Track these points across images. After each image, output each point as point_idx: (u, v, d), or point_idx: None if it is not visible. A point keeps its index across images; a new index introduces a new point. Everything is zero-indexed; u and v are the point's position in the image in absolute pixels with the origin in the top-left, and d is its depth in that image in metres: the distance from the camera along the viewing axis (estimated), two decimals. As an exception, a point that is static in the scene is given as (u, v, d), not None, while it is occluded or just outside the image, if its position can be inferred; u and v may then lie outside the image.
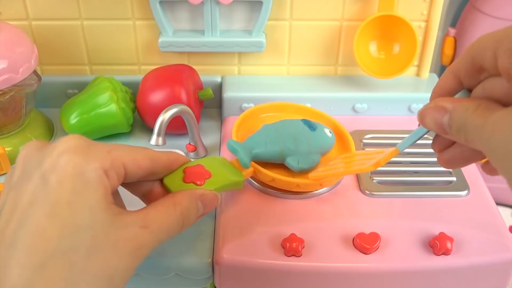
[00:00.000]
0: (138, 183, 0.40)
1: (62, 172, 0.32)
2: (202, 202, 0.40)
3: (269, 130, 0.51)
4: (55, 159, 0.33)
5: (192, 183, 0.41)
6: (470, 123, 0.32)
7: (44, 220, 0.31)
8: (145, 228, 0.34)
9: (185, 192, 0.39)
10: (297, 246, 0.45)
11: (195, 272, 0.47)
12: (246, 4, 0.61)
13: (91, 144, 0.35)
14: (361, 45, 0.62)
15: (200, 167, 0.43)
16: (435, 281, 0.45)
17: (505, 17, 0.67)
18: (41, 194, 0.31)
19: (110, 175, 0.34)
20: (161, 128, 0.51)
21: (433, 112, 0.35)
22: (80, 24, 0.62)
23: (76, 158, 0.33)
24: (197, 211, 0.39)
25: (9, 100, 0.55)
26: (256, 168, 0.48)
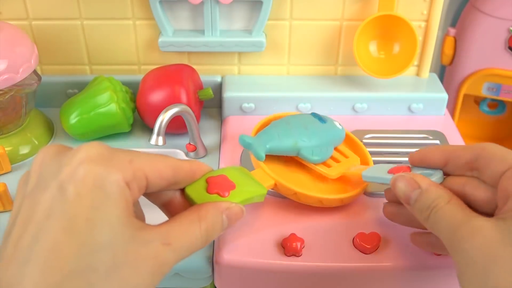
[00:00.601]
0: (158, 193, 0.38)
1: (81, 184, 0.30)
2: (227, 216, 0.37)
3: (281, 124, 0.51)
4: (74, 168, 0.30)
5: (217, 194, 0.38)
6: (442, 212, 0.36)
7: (61, 236, 0.29)
8: (168, 245, 0.32)
9: (210, 206, 0.36)
10: (297, 246, 0.45)
11: (195, 272, 0.47)
12: (246, 3, 0.61)
13: (112, 153, 0.32)
14: (361, 45, 0.62)
15: (224, 177, 0.40)
16: (435, 281, 0.45)
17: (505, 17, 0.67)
18: (58, 206, 0.29)
19: (132, 187, 0.32)
20: (161, 128, 0.51)
21: (407, 183, 0.39)
22: (80, 24, 0.62)
23: (97, 169, 0.30)
24: (222, 226, 0.37)
25: (9, 100, 0.55)
26: (277, 181, 0.47)
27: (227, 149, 0.57)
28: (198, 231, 0.34)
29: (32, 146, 0.59)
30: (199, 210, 0.36)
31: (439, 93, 0.64)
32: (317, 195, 0.47)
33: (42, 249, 0.28)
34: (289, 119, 0.52)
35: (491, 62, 0.70)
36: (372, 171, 0.46)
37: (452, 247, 0.35)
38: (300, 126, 0.51)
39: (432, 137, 0.59)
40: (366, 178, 0.46)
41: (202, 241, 0.35)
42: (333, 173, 0.49)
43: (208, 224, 0.35)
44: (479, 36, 0.69)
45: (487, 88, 0.72)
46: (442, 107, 0.64)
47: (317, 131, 0.51)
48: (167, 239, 0.32)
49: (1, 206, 0.50)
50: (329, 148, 0.51)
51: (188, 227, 0.34)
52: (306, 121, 0.52)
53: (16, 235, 0.30)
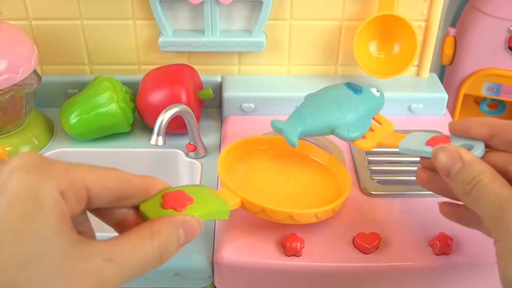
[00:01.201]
0: (109, 210, 0.34)
1: (11, 194, 0.28)
2: (184, 230, 0.34)
3: (313, 101, 0.48)
4: (5, 179, 0.28)
5: (172, 209, 0.35)
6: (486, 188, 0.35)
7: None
8: (110, 261, 0.29)
9: (164, 220, 0.33)
10: (297, 246, 0.45)
11: (195, 272, 0.47)
12: (246, 3, 0.61)
13: (46, 162, 0.30)
14: (361, 45, 0.62)
15: (182, 192, 0.37)
16: (435, 281, 0.45)
17: (505, 17, 0.67)
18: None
19: (68, 196, 0.29)
20: (161, 128, 0.51)
21: (449, 155, 0.37)
22: (80, 24, 0.62)
23: (28, 178, 0.28)
24: (178, 241, 0.33)
25: (9, 100, 0.55)
26: (243, 198, 0.44)
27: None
28: (150, 247, 0.31)
29: (32, 146, 0.59)
30: (151, 225, 0.32)
31: (439, 93, 0.64)
32: (287, 210, 0.44)
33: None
34: (321, 95, 0.49)
35: (491, 62, 0.70)
36: (409, 142, 0.44)
37: (498, 225, 0.34)
38: (333, 102, 0.48)
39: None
40: (403, 150, 0.43)
41: (156, 258, 0.31)
42: (368, 145, 0.46)
43: (162, 240, 0.32)
44: (479, 36, 0.69)
45: (487, 88, 0.72)
46: (442, 107, 0.64)
47: (352, 104, 0.48)
48: (110, 254, 0.29)
49: None
50: (367, 121, 0.48)
51: (138, 243, 0.31)
52: (340, 96, 0.49)
53: None
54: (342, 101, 0.48)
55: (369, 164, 0.55)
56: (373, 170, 0.54)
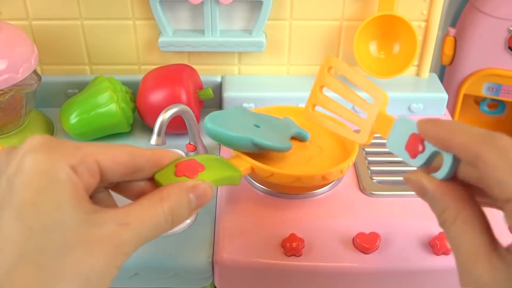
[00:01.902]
0: (128, 184, 0.37)
1: (26, 173, 0.30)
2: (194, 194, 0.36)
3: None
4: (20, 161, 0.31)
5: (184, 176, 0.38)
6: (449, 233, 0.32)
7: (9, 224, 0.29)
8: (124, 225, 0.31)
9: (174, 185, 0.35)
10: (297, 246, 0.45)
11: (195, 272, 0.47)
12: (246, 4, 0.61)
13: (57, 142, 0.32)
14: (361, 45, 0.62)
15: (193, 161, 0.40)
16: (435, 281, 0.46)
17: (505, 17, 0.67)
18: (6, 198, 0.30)
19: (80, 171, 0.32)
20: (161, 128, 0.51)
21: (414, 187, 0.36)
22: (80, 24, 0.62)
23: (40, 157, 0.31)
24: (189, 205, 0.35)
25: (9, 100, 0.55)
26: (253, 164, 0.46)
27: (227, 149, 0.57)
28: (161, 211, 0.33)
29: (32, 146, 0.59)
30: (161, 191, 0.35)
31: (439, 93, 0.64)
32: (296, 173, 0.46)
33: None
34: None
35: (491, 62, 0.70)
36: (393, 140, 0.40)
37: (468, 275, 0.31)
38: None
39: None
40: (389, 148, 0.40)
41: (167, 221, 0.34)
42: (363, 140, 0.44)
43: (171, 203, 0.34)
44: (479, 36, 0.69)
45: (487, 88, 0.72)
46: (442, 107, 0.64)
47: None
48: (124, 219, 0.32)
49: None
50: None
51: (149, 207, 0.33)
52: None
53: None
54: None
55: (369, 164, 0.55)
56: (373, 170, 0.54)
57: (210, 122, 0.47)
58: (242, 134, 0.46)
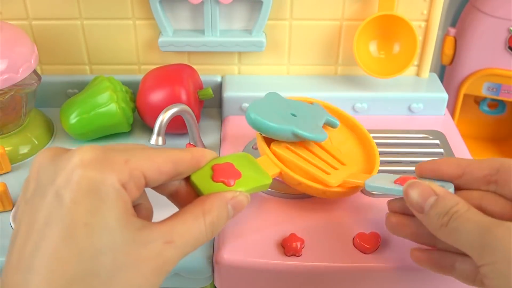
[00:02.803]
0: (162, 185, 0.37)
1: (77, 189, 0.30)
2: (232, 205, 0.37)
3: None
4: (69, 174, 0.30)
5: (222, 183, 0.38)
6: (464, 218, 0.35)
7: (60, 243, 0.29)
8: (169, 243, 0.32)
9: (216, 198, 0.36)
10: (297, 246, 0.45)
11: (195, 272, 0.47)
12: (246, 3, 0.61)
13: (107, 155, 0.32)
14: (361, 45, 0.62)
15: (230, 165, 0.40)
16: (435, 281, 0.45)
17: (505, 17, 0.67)
18: (56, 213, 0.30)
19: (129, 187, 0.32)
20: (161, 128, 0.51)
21: (421, 190, 0.38)
22: (80, 24, 0.62)
23: (91, 173, 0.30)
24: (228, 216, 0.36)
25: (9, 100, 0.55)
26: (283, 170, 0.46)
27: (227, 149, 0.57)
28: (203, 225, 0.34)
29: (32, 146, 0.59)
30: (203, 203, 0.35)
31: (439, 93, 0.64)
32: (321, 187, 0.46)
33: (43, 257, 0.29)
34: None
35: (491, 62, 0.70)
36: (377, 180, 0.44)
37: (483, 250, 0.34)
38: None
39: (432, 137, 0.59)
40: (370, 188, 0.44)
41: (208, 235, 0.34)
42: (333, 181, 0.46)
43: (213, 218, 0.34)
44: (479, 36, 0.69)
45: (487, 88, 0.72)
46: (442, 107, 0.64)
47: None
48: (169, 237, 0.32)
49: (1, 206, 0.50)
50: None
51: (193, 223, 0.33)
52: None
53: (20, 242, 0.30)
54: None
55: (369, 164, 0.55)
56: (373, 170, 0.54)
57: (253, 113, 0.47)
58: (284, 125, 0.47)
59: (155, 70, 0.60)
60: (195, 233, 0.33)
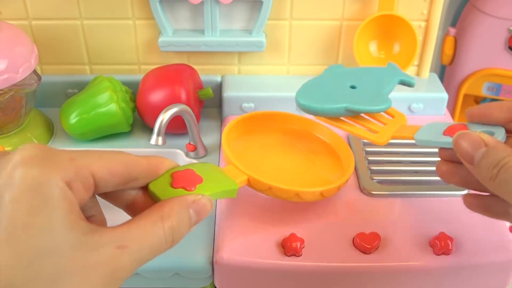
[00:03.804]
0: (119, 193, 0.34)
1: (17, 188, 0.27)
2: (195, 209, 0.33)
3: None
4: (9, 173, 0.28)
5: (182, 189, 0.35)
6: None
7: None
8: (123, 248, 0.29)
9: (175, 202, 0.33)
10: (297, 246, 0.45)
11: (195, 272, 0.47)
12: (246, 3, 0.61)
13: (50, 153, 0.29)
14: (361, 45, 0.62)
15: (191, 171, 0.37)
16: (435, 281, 0.45)
17: (505, 17, 0.67)
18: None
19: (75, 186, 0.29)
20: (161, 128, 0.51)
21: (471, 140, 0.36)
22: (80, 24, 0.62)
23: (32, 170, 0.28)
24: (189, 222, 0.33)
25: (9, 100, 0.55)
26: (250, 176, 0.45)
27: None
28: (162, 231, 0.31)
29: (32, 146, 0.59)
30: (161, 208, 0.32)
31: (439, 93, 0.64)
32: (294, 189, 0.45)
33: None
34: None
35: (491, 62, 0.70)
36: (426, 133, 0.43)
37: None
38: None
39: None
40: (419, 142, 0.42)
41: (168, 241, 0.31)
42: (382, 140, 0.45)
43: (173, 223, 0.32)
44: (479, 36, 0.69)
45: (487, 88, 0.72)
46: (442, 107, 0.64)
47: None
48: (122, 241, 0.29)
49: None
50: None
51: (150, 228, 0.31)
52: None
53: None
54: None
55: (369, 164, 0.55)
56: (373, 170, 0.54)
57: (302, 98, 0.46)
58: (336, 104, 0.45)
59: (155, 70, 0.60)
60: (153, 238, 0.30)
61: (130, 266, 0.29)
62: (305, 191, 0.46)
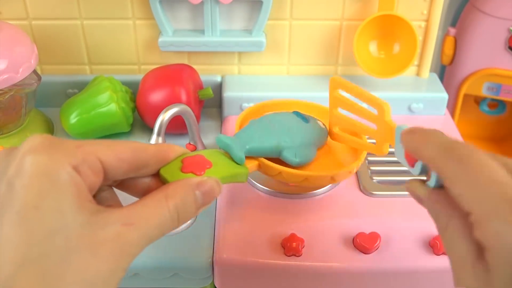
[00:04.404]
0: (133, 182, 0.36)
1: (27, 175, 0.29)
2: (201, 191, 0.34)
3: (261, 123, 0.48)
4: (19, 162, 0.30)
5: (191, 173, 0.36)
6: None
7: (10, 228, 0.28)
8: (129, 225, 0.30)
9: (179, 182, 0.34)
10: (297, 246, 0.45)
11: (195, 272, 0.47)
12: (246, 3, 0.61)
13: (57, 141, 0.31)
14: (361, 45, 0.62)
15: (200, 157, 0.38)
16: (435, 281, 0.46)
17: (505, 17, 0.67)
18: (6, 201, 0.29)
19: (83, 170, 0.31)
20: (161, 128, 0.51)
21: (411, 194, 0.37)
22: (80, 24, 0.62)
23: (41, 157, 0.30)
24: (195, 202, 0.34)
25: (9, 100, 0.55)
26: (261, 161, 0.45)
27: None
28: (166, 209, 0.32)
29: (32, 146, 0.59)
30: (166, 188, 0.33)
31: (439, 93, 0.64)
32: (303, 173, 0.45)
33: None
34: (270, 118, 0.49)
35: (491, 62, 0.70)
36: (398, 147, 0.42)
37: None
38: (282, 126, 0.48)
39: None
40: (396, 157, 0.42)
41: (173, 219, 0.33)
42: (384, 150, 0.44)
43: (176, 202, 0.33)
44: (479, 36, 0.69)
45: (487, 88, 0.72)
46: (442, 107, 0.64)
47: (300, 131, 0.48)
48: (129, 219, 0.31)
49: None
50: (313, 149, 0.48)
51: (154, 206, 0.32)
52: (288, 121, 0.49)
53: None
54: (290, 126, 0.48)
55: (369, 164, 0.55)
56: (373, 170, 0.54)
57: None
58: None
59: (155, 70, 0.60)
60: (158, 216, 0.32)
61: (138, 242, 0.31)
62: (315, 175, 0.45)
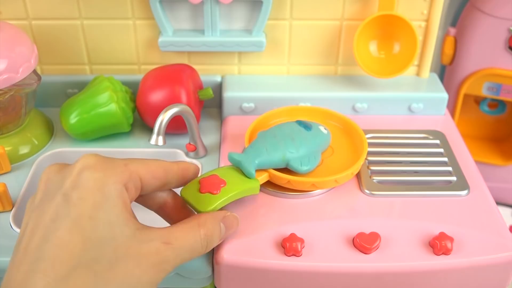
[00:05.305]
0: (152, 196, 0.41)
1: (83, 188, 0.33)
2: (225, 223, 0.41)
3: (267, 136, 0.51)
4: (76, 177, 0.34)
5: (208, 193, 0.42)
6: None
7: (67, 234, 0.32)
8: (168, 244, 0.34)
9: (209, 214, 0.40)
10: (297, 246, 0.45)
11: (195, 272, 0.47)
12: (246, 3, 0.61)
13: (108, 160, 0.36)
14: (361, 45, 0.62)
15: (215, 176, 0.44)
16: (435, 281, 0.45)
17: (505, 17, 0.67)
18: (63, 210, 0.33)
19: (129, 188, 0.35)
20: (161, 128, 0.51)
21: None
22: (80, 24, 0.62)
23: (96, 174, 0.34)
24: (220, 233, 0.40)
25: (9, 100, 0.55)
26: (270, 172, 0.49)
27: (227, 149, 0.57)
28: (198, 235, 0.37)
29: (32, 146, 0.59)
30: (198, 218, 0.38)
31: (439, 93, 0.64)
32: (310, 180, 0.49)
33: (50, 246, 0.31)
34: (275, 131, 0.52)
35: (491, 62, 0.70)
36: None
37: None
38: (286, 137, 0.51)
39: (432, 137, 0.59)
40: None
41: (203, 245, 0.37)
42: None
43: (207, 230, 0.38)
44: (479, 36, 0.69)
45: (487, 88, 0.72)
46: (442, 106, 0.64)
47: (303, 140, 0.51)
48: (167, 238, 0.35)
49: (1, 206, 0.50)
50: (317, 155, 0.52)
51: (189, 231, 0.37)
52: (292, 131, 0.52)
53: (25, 241, 0.33)
54: (294, 137, 0.51)
55: (369, 164, 0.55)
56: (373, 170, 0.54)
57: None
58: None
59: (155, 70, 0.60)
60: (192, 240, 0.36)
61: (173, 260, 0.35)
62: (321, 181, 0.49)
